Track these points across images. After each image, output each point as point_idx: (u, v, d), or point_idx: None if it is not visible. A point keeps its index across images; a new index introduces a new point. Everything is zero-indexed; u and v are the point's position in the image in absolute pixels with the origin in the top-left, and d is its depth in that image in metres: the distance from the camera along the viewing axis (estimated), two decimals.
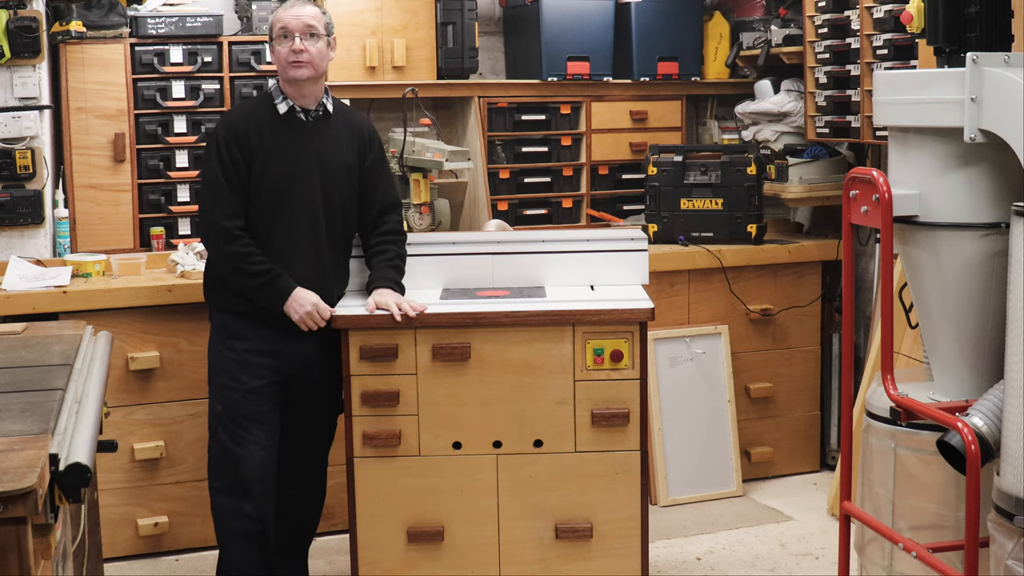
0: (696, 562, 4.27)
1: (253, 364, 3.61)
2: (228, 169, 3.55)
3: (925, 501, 3.07)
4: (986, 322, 2.95)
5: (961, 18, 2.94)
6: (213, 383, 3.69)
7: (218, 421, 3.65)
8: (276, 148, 3.59)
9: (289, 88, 3.62)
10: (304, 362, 3.66)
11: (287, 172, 3.59)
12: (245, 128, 3.58)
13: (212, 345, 3.70)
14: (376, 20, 4.87)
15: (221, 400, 3.64)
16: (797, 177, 5.03)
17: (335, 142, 3.67)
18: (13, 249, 4.38)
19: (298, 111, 3.63)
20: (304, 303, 3.55)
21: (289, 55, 3.55)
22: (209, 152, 3.61)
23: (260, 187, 3.57)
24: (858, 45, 4.65)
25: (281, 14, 3.60)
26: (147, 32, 4.57)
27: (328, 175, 3.65)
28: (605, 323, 3.56)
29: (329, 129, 3.67)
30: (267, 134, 3.59)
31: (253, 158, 3.57)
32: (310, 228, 3.62)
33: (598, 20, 5.23)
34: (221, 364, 3.64)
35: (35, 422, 2.38)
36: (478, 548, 3.65)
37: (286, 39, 3.56)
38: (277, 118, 3.62)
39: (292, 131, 3.62)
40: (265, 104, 3.65)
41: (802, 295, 5.09)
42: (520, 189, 5.24)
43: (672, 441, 4.84)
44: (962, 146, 2.86)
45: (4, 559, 2.03)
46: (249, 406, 3.61)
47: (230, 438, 3.62)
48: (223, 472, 3.66)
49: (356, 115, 3.85)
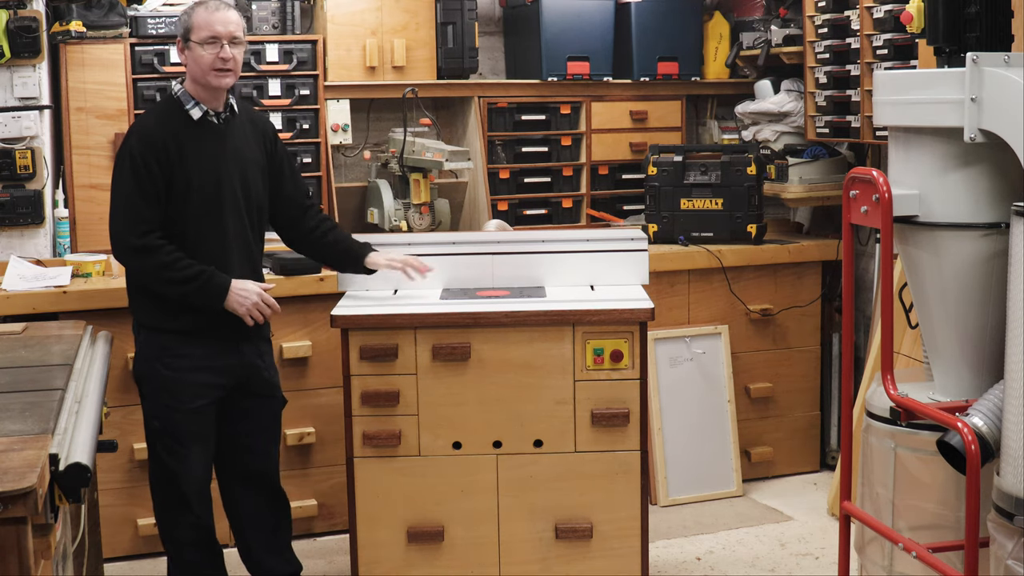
0: (696, 562, 4.27)
1: (193, 383, 3.54)
2: (144, 183, 3.42)
3: (925, 501, 3.07)
4: (986, 322, 2.95)
5: (961, 18, 2.94)
6: (149, 400, 3.59)
7: (155, 438, 3.59)
8: (196, 155, 3.49)
9: (203, 92, 3.52)
10: (245, 370, 3.62)
11: (211, 178, 3.51)
12: (162, 138, 3.46)
13: (146, 362, 3.57)
14: (376, 20, 4.87)
15: (159, 418, 3.56)
16: (797, 177, 5.03)
17: (245, 141, 3.62)
18: (13, 249, 4.38)
19: (211, 115, 3.54)
20: (248, 294, 3.49)
21: (216, 62, 3.46)
22: (122, 166, 3.47)
23: (186, 196, 3.48)
24: (858, 45, 4.65)
25: (207, 17, 3.48)
26: (147, 32, 4.57)
27: (245, 175, 3.59)
28: (605, 323, 3.56)
29: (237, 129, 3.61)
30: (184, 142, 3.49)
31: (173, 168, 3.46)
32: (239, 230, 3.57)
33: (598, 20, 5.23)
34: (159, 384, 3.55)
35: (35, 422, 2.38)
36: (478, 548, 3.65)
37: (211, 45, 3.46)
38: (191, 124, 3.51)
39: (208, 136, 3.53)
40: (175, 110, 3.52)
41: (802, 295, 5.09)
42: (520, 189, 5.24)
43: (672, 441, 4.84)
44: (962, 146, 2.86)
45: (4, 559, 2.03)
46: (192, 426, 3.56)
47: (169, 454, 3.57)
48: (163, 486, 3.61)
49: (254, 112, 3.79)
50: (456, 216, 5.13)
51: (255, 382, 3.67)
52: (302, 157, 4.80)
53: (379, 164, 5.00)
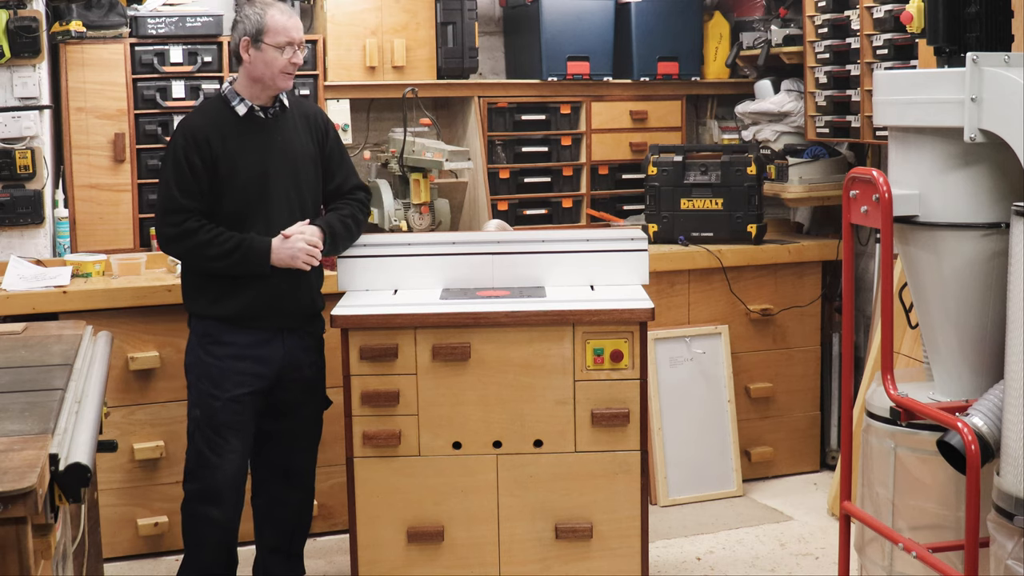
0: (696, 562, 4.27)
1: (235, 371, 3.60)
2: (184, 177, 3.52)
3: (925, 501, 3.07)
4: (986, 322, 2.95)
5: (961, 18, 2.94)
6: (193, 389, 3.67)
7: (195, 426, 3.64)
8: (241, 150, 3.56)
9: (254, 89, 3.58)
10: (287, 361, 3.67)
11: (257, 171, 3.57)
12: (206, 135, 3.54)
13: (192, 351, 3.67)
14: (376, 20, 4.87)
15: (200, 406, 3.62)
16: (797, 177, 5.03)
17: (296, 134, 3.67)
18: (13, 249, 4.38)
19: (257, 110, 3.60)
20: (292, 243, 3.54)
21: (287, 66, 3.55)
22: (165, 163, 3.59)
23: (232, 191, 3.55)
24: (858, 45, 4.65)
25: (284, 22, 3.55)
26: (147, 32, 4.57)
27: (295, 168, 3.65)
28: (605, 323, 3.56)
29: (288, 122, 3.66)
30: (229, 137, 3.56)
31: (217, 163, 3.53)
32: (288, 222, 3.62)
33: (598, 20, 5.23)
34: (202, 371, 3.62)
35: (35, 422, 2.38)
36: (478, 548, 3.65)
37: (286, 49, 3.54)
38: (237, 120, 3.59)
39: (255, 131, 3.60)
40: (222, 108, 3.60)
41: (802, 295, 5.09)
42: (520, 189, 5.24)
43: (672, 441, 4.84)
44: (962, 146, 2.86)
45: (4, 559, 2.03)
46: (229, 414, 3.60)
47: (208, 445, 3.62)
48: (198, 477, 3.65)
49: (308, 104, 3.86)
50: (456, 216, 5.13)
51: (296, 377, 3.70)
52: None
53: (379, 164, 5.00)
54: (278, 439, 3.76)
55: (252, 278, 3.57)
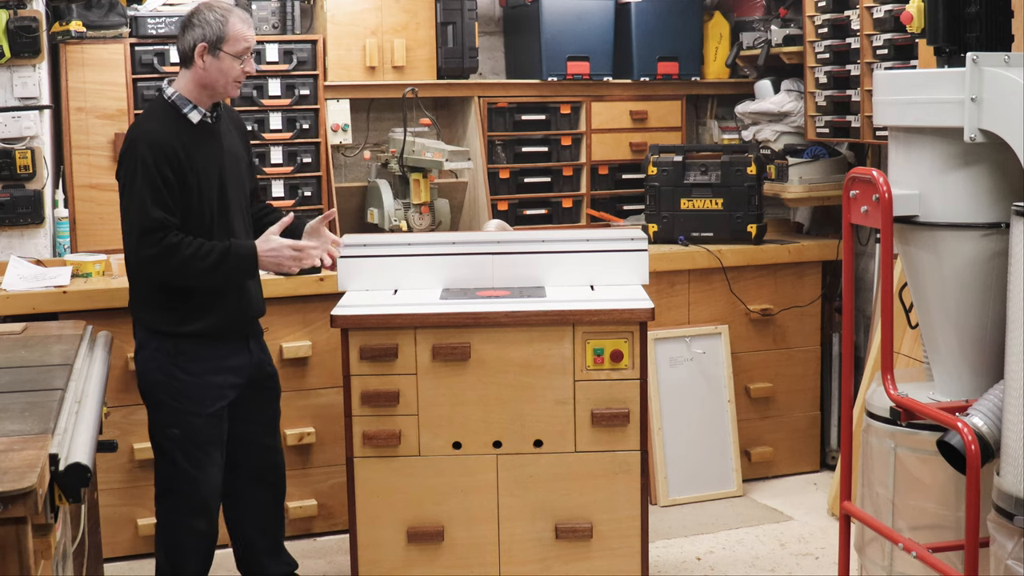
0: (696, 562, 4.27)
1: (214, 385, 3.55)
2: (160, 191, 3.37)
3: (925, 501, 3.07)
4: (986, 322, 2.95)
5: (961, 18, 2.94)
6: (166, 408, 3.55)
7: (174, 445, 3.55)
8: (203, 160, 3.49)
9: (201, 95, 3.50)
10: (255, 364, 3.68)
11: (215, 181, 3.51)
12: (171, 144, 3.41)
13: (160, 370, 3.52)
14: (376, 20, 4.87)
15: (180, 426, 3.54)
16: (797, 177, 5.03)
17: (233, 139, 3.65)
18: (13, 249, 4.38)
19: (208, 117, 3.53)
20: (278, 248, 3.50)
21: (241, 75, 3.50)
22: (133, 175, 3.40)
23: (200, 203, 3.47)
24: (858, 45, 4.65)
25: (244, 31, 3.47)
26: (147, 32, 4.57)
27: (240, 175, 3.63)
28: (605, 323, 3.56)
29: (224, 127, 3.62)
30: (190, 147, 3.46)
31: (185, 174, 3.43)
32: (244, 227, 3.62)
33: (598, 20, 5.23)
34: (178, 390, 3.52)
35: (35, 422, 2.38)
36: (478, 548, 3.65)
37: (243, 58, 3.48)
38: (192, 128, 3.49)
39: (206, 139, 3.53)
40: (174, 115, 3.48)
41: (802, 295, 5.09)
42: (520, 189, 5.24)
43: (672, 441, 4.84)
44: (962, 146, 2.86)
45: (4, 559, 2.03)
46: (211, 430, 3.57)
47: (189, 461, 3.56)
48: (179, 492, 3.59)
49: (227, 106, 3.77)
50: (456, 216, 5.13)
51: (262, 377, 3.73)
52: (302, 157, 4.80)
53: (379, 164, 5.00)
54: (251, 441, 3.74)
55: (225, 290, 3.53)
